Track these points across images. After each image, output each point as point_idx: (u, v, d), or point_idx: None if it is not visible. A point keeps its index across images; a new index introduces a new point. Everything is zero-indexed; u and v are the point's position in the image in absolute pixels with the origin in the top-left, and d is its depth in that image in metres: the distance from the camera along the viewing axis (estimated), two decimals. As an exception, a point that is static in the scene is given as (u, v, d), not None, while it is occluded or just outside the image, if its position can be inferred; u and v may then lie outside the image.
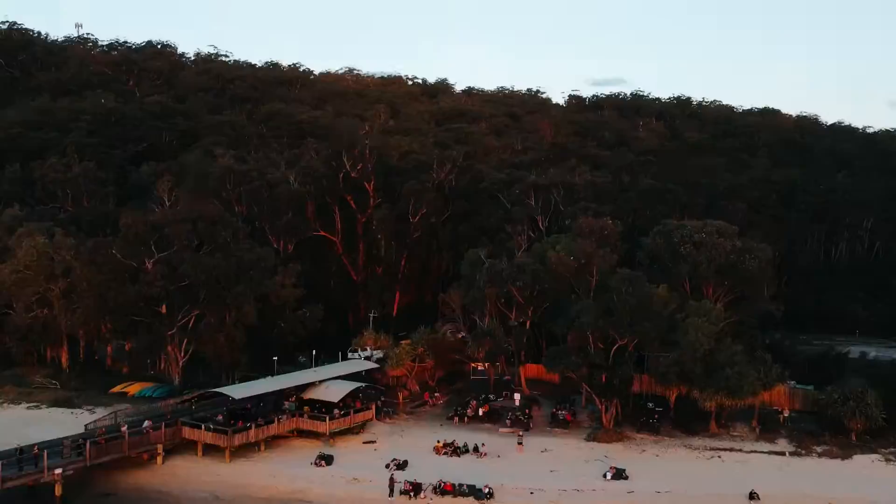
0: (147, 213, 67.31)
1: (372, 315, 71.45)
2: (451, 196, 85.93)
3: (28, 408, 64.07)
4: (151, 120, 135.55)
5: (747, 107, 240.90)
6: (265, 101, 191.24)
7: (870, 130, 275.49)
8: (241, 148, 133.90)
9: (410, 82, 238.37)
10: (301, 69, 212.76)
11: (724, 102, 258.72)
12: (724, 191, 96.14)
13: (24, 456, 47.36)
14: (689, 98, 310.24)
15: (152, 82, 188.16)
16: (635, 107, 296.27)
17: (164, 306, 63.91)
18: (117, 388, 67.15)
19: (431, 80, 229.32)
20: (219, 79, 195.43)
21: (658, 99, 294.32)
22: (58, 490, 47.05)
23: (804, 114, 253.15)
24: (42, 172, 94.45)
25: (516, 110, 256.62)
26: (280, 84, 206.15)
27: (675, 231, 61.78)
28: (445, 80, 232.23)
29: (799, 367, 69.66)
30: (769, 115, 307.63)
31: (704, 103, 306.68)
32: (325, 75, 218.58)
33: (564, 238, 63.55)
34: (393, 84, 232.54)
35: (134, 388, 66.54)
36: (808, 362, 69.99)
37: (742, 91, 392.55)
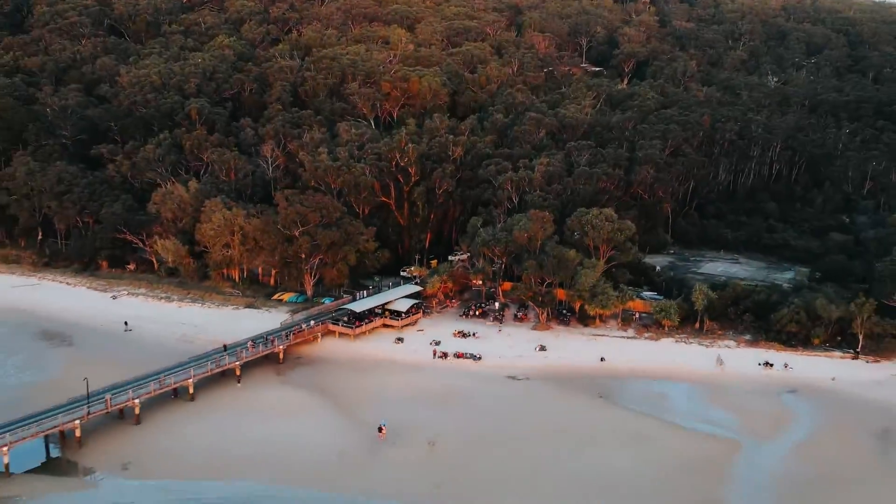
0: (296, 198, 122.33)
1: (417, 257, 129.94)
2: (461, 166, 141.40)
3: (233, 309, 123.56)
4: (232, 71, 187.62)
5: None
6: (304, 22, 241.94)
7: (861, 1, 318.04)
8: (301, 88, 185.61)
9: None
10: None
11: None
12: (643, 156, 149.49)
13: (266, 339, 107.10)
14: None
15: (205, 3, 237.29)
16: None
17: (303, 254, 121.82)
18: (276, 296, 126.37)
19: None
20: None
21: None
22: (280, 357, 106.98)
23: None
24: (190, 143, 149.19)
25: (520, 1, 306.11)
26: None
27: (582, 217, 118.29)
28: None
29: (660, 284, 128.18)
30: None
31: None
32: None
33: (524, 218, 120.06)
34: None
35: (286, 296, 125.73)
36: (664, 281, 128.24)
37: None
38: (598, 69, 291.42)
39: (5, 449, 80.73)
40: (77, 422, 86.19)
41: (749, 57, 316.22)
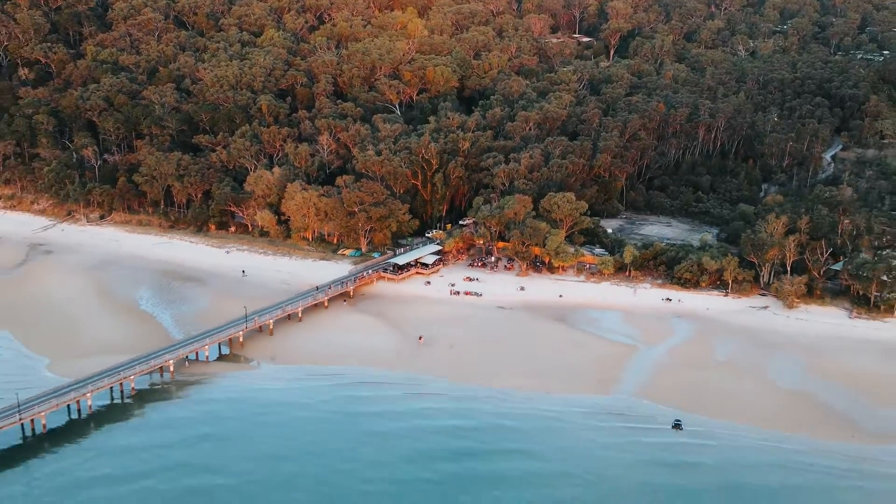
0: (356, 185, 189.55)
1: (437, 225, 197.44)
2: (468, 156, 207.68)
3: (311, 261, 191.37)
4: (286, 67, 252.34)
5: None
6: (333, 8, 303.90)
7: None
8: (339, 79, 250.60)
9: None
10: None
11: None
12: (603, 146, 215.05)
13: (341, 282, 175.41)
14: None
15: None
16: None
17: (360, 223, 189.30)
18: (340, 252, 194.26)
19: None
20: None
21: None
22: (351, 294, 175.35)
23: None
24: (268, 136, 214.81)
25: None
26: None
27: (552, 198, 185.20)
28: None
29: (607, 244, 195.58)
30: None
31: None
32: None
33: (512, 199, 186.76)
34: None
35: (347, 252, 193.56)
36: (610, 242, 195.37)
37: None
38: (588, 40, 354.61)
39: (206, 347, 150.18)
40: (240, 332, 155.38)
41: (726, 25, 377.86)
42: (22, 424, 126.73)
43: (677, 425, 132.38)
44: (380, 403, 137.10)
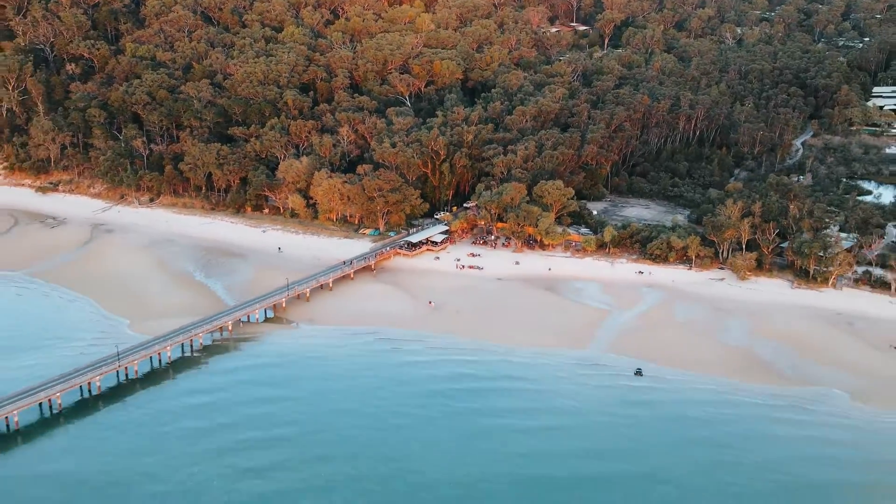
0: (375, 174, 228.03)
1: (444, 208, 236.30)
2: (472, 146, 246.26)
3: (337, 239, 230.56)
4: (308, 63, 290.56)
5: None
6: (347, 2, 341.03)
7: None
8: (355, 73, 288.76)
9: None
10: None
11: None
12: (590, 137, 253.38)
13: (364, 257, 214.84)
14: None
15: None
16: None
17: (379, 207, 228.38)
18: (360, 231, 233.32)
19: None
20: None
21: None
22: (373, 267, 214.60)
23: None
24: (296, 129, 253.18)
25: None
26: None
27: (543, 185, 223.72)
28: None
29: (592, 224, 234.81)
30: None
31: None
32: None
33: (509, 186, 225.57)
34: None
35: (367, 231, 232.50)
36: (594, 222, 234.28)
37: None
38: (585, 28, 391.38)
39: (256, 311, 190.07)
40: (283, 299, 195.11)
41: (716, 13, 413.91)
42: (117, 372, 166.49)
43: (639, 372, 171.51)
44: (401, 347, 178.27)
